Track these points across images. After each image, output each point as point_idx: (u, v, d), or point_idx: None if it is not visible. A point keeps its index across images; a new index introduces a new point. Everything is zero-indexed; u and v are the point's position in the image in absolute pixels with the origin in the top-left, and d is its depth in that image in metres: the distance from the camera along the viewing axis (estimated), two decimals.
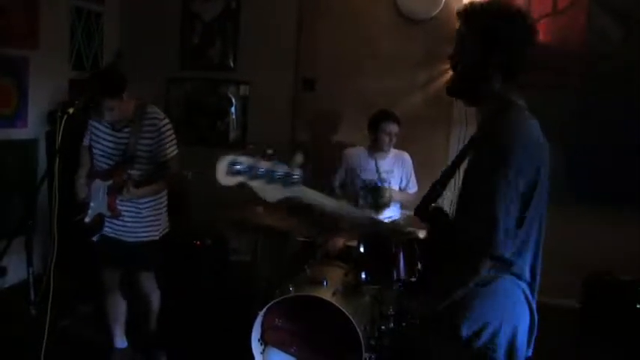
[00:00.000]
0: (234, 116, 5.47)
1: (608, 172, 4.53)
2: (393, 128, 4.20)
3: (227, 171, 1.78)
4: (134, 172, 3.28)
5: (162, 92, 5.61)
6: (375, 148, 4.28)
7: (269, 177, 1.79)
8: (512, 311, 1.93)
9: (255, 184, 1.79)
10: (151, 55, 5.57)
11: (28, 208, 3.10)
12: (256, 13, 5.32)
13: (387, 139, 4.22)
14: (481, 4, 2.00)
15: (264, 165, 1.79)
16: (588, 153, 4.53)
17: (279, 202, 1.84)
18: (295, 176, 1.85)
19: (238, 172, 1.77)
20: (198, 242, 4.64)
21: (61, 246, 2.86)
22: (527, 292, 1.95)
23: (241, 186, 1.79)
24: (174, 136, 3.43)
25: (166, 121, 3.42)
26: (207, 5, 5.41)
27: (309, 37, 5.20)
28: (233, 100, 5.45)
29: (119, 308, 3.62)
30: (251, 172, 1.78)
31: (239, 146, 5.45)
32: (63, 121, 2.93)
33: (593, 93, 4.47)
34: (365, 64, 5.05)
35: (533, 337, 1.99)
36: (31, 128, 4.76)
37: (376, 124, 4.22)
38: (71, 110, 2.97)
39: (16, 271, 4.12)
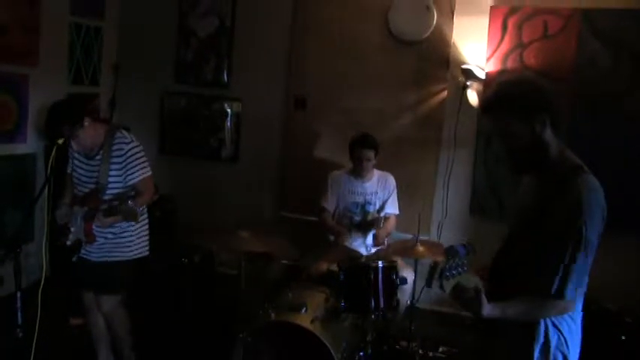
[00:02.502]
0: (227, 132, 5.56)
1: None
2: (368, 154, 4.27)
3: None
4: (109, 198, 3.32)
5: (157, 106, 5.72)
6: (355, 172, 4.39)
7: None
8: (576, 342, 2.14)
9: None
10: (147, 69, 5.70)
11: (18, 233, 3.20)
12: (250, 31, 5.41)
13: (362, 164, 4.30)
14: (501, 93, 2.13)
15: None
16: None
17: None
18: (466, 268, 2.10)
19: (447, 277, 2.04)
20: (185, 259, 4.71)
21: (55, 260, 2.97)
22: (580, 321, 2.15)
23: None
24: (143, 159, 3.45)
25: (133, 144, 3.41)
26: (203, 22, 5.51)
27: (300, 56, 5.28)
28: (228, 115, 5.55)
29: (100, 328, 3.67)
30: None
31: (231, 161, 5.56)
32: (53, 152, 3.09)
33: (582, 118, 4.50)
34: (355, 83, 5.13)
35: None
36: (29, 143, 4.89)
37: (352, 149, 4.32)
38: (60, 141, 3.16)
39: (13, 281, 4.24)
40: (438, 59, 4.93)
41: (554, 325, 2.08)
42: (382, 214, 4.40)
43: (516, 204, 2.31)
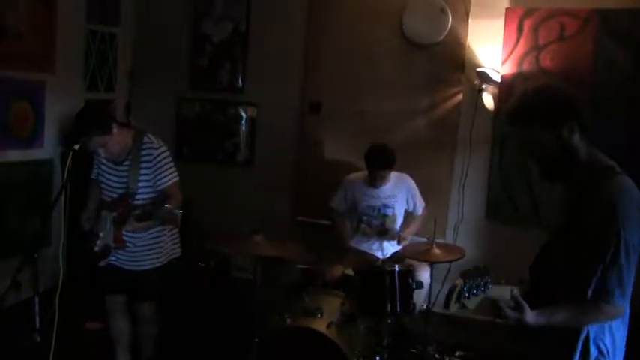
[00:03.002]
0: (242, 137, 5.60)
1: None
2: (382, 173, 4.28)
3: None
4: (139, 203, 3.33)
5: (173, 112, 5.76)
6: (370, 182, 4.39)
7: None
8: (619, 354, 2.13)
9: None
10: (162, 75, 5.74)
11: (37, 237, 3.24)
12: (264, 35, 5.44)
13: (376, 180, 4.33)
14: (525, 103, 2.13)
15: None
16: None
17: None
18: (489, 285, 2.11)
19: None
20: (202, 264, 4.76)
21: (74, 264, 2.99)
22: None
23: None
24: (172, 163, 3.46)
25: (162, 149, 3.43)
26: (217, 27, 5.54)
27: (315, 60, 5.31)
28: (243, 120, 5.58)
29: (122, 331, 3.69)
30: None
31: (246, 166, 5.59)
32: (70, 158, 3.09)
33: (599, 121, 4.46)
34: (369, 87, 5.14)
35: None
36: (46, 149, 4.94)
37: (367, 163, 4.32)
38: (77, 147, 3.15)
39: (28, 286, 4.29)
40: (452, 62, 4.93)
41: (595, 337, 2.06)
42: (400, 224, 4.44)
43: (554, 210, 2.29)
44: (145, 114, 5.73)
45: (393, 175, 4.41)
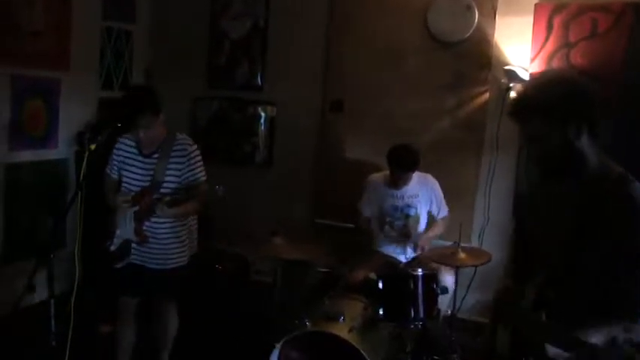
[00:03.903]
0: (261, 137, 5.63)
1: None
2: (405, 175, 4.29)
3: None
4: (166, 192, 3.39)
5: (189, 111, 5.80)
6: (392, 183, 4.41)
7: None
8: None
9: None
10: (179, 73, 5.78)
11: (51, 239, 3.26)
12: (284, 32, 5.46)
13: (398, 181, 4.34)
14: (533, 94, 2.03)
15: None
16: None
17: None
18: None
19: None
20: (219, 266, 4.80)
21: (88, 266, 3.03)
22: None
23: None
24: (202, 163, 3.57)
25: (195, 146, 3.57)
26: (235, 24, 5.58)
27: (336, 57, 5.31)
28: (262, 119, 5.60)
29: (129, 337, 3.72)
30: None
31: (265, 166, 5.62)
32: (85, 158, 3.08)
33: (632, 119, 4.42)
34: (393, 86, 5.13)
35: None
36: (61, 148, 5.01)
37: (389, 163, 4.32)
38: (93, 147, 3.11)
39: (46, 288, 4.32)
40: (479, 60, 4.91)
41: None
42: (423, 225, 4.44)
43: (543, 211, 2.20)
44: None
45: (416, 175, 4.40)
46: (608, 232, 1.92)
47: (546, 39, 4.66)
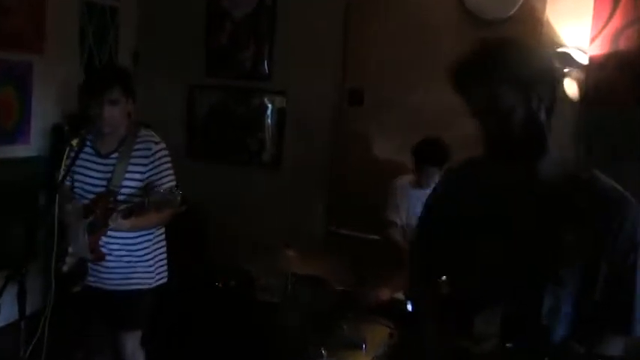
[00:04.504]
0: (268, 132, 5.60)
1: None
2: (432, 169, 4.27)
3: None
4: (124, 199, 3.30)
5: (184, 102, 5.78)
6: (419, 183, 4.42)
7: None
8: None
9: None
10: (172, 57, 5.77)
11: (22, 251, 3.22)
12: (296, 10, 5.43)
13: (425, 177, 4.33)
14: (489, 51, 1.97)
15: None
16: None
17: None
18: None
19: None
20: (219, 284, 4.78)
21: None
22: None
23: None
24: (171, 164, 3.46)
25: (162, 146, 3.45)
26: (238, 0, 5.56)
27: (357, 40, 5.27)
28: (269, 112, 5.58)
29: None
30: None
31: (273, 167, 5.58)
32: (66, 155, 3.07)
33: None
34: (422, 73, 5.04)
35: None
36: (34, 144, 4.94)
37: (416, 157, 4.35)
38: (75, 142, 3.10)
39: (11, 308, 4.27)
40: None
41: None
42: None
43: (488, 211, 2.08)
44: (151, 103, 5.62)
45: None
46: (586, 230, 1.89)
47: (611, 14, 4.60)
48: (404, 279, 4.20)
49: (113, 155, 3.40)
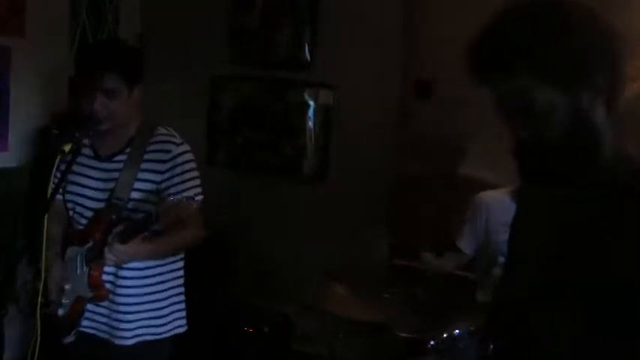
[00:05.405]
0: (310, 135, 5.55)
1: None
2: None
3: None
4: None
5: (204, 97, 5.79)
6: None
7: None
8: None
9: None
10: (187, 42, 5.77)
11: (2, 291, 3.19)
12: None
13: None
14: (515, 31, 1.72)
15: None
16: None
17: None
18: None
19: None
20: (250, 329, 4.75)
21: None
22: None
23: None
24: (197, 173, 3.36)
25: (186, 148, 3.35)
26: None
27: (423, 18, 5.23)
28: (311, 110, 5.53)
29: None
30: None
31: (316, 179, 5.55)
32: (56, 164, 2.99)
33: None
34: None
35: None
36: (13, 152, 4.96)
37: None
38: (67, 147, 3.02)
39: None
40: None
41: None
42: None
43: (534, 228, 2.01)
44: (160, 99, 5.60)
45: None
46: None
47: None
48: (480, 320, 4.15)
49: (117, 158, 3.31)
